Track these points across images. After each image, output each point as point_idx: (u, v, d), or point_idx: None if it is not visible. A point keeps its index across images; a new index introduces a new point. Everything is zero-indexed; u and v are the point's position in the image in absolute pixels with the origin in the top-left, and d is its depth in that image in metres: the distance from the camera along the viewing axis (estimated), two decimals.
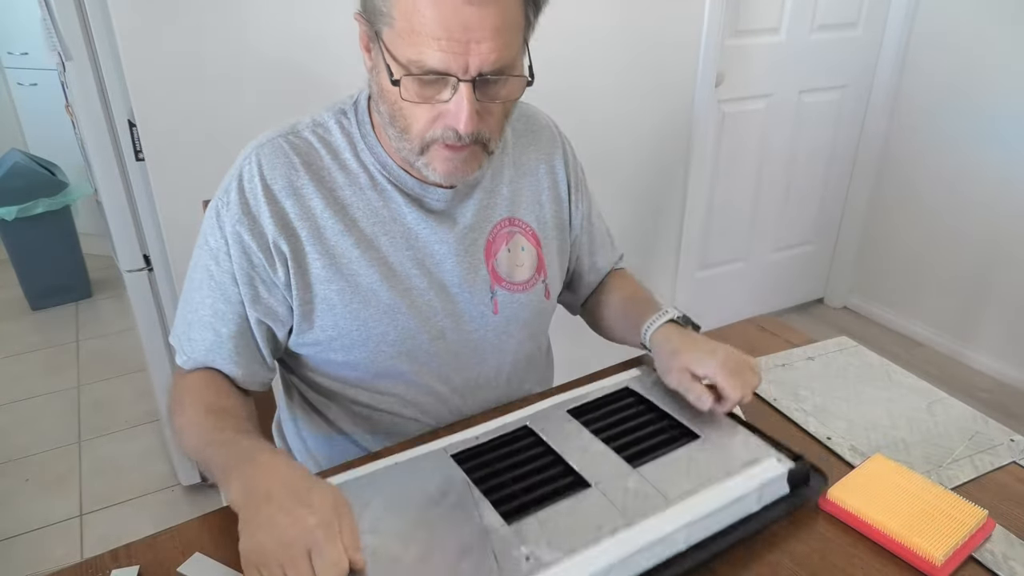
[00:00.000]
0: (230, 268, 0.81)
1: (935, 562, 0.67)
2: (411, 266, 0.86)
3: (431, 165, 0.78)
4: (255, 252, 0.80)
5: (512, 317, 0.93)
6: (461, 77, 0.70)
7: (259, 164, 0.81)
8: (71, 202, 2.81)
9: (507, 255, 0.92)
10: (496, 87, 0.74)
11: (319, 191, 0.82)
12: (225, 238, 0.81)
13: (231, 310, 0.83)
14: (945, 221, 2.47)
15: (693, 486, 0.72)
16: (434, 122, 0.75)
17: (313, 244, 0.82)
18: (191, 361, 0.85)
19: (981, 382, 2.40)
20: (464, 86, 0.71)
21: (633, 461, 0.75)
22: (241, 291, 0.82)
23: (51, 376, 2.48)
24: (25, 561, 1.73)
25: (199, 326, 0.84)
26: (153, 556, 0.70)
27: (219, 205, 0.82)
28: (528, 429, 0.82)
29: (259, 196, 0.80)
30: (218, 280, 0.82)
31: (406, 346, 0.87)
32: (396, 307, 0.85)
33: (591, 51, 1.90)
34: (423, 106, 0.74)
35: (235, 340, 0.84)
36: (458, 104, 0.72)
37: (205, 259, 0.83)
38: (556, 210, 0.97)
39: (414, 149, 0.77)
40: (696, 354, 0.84)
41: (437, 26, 0.67)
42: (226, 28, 1.45)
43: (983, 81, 2.27)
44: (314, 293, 0.83)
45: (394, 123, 0.77)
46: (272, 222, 0.80)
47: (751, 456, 0.77)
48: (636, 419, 0.84)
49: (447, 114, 0.73)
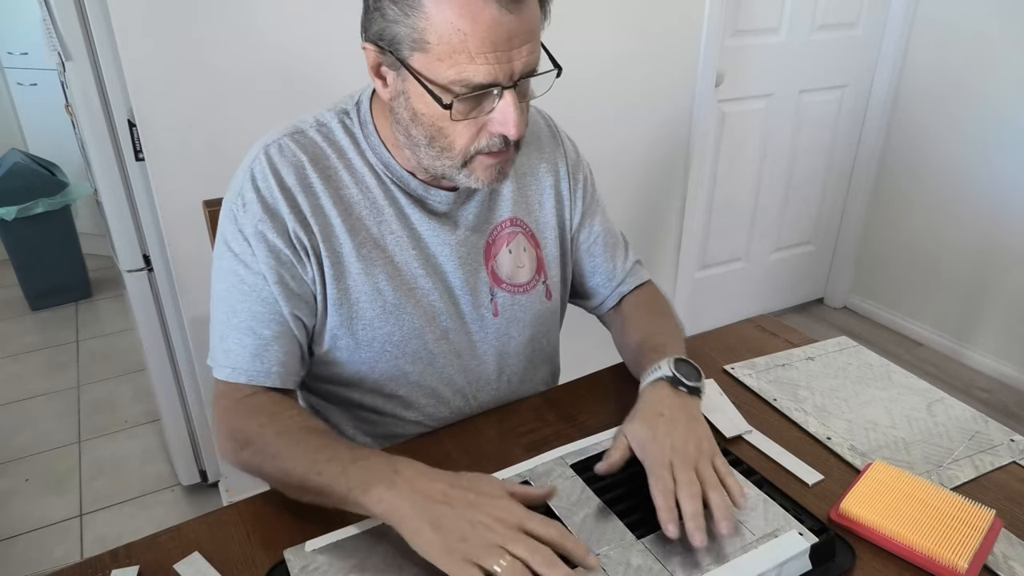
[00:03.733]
0: (260, 269, 0.80)
1: (959, 570, 0.67)
2: (416, 266, 0.86)
3: (473, 175, 0.78)
4: (281, 249, 0.80)
5: (513, 319, 0.93)
6: (505, 84, 0.71)
7: (269, 162, 0.81)
8: (71, 202, 2.81)
9: (509, 256, 0.91)
10: (526, 85, 0.75)
11: (327, 189, 0.82)
12: (247, 240, 0.79)
13: (268, 311, 0.80)
14: (945, 221, 2.47)
15: (704, 564, 0.66)
16: (478, 135, 0.75)
17: (324, 242, 0.82)
18: (236, 372, 0.80)
19: (981, 382, 2.40)
20: (508, 93, 0.71)
21: (638, 530, 0.69)
22: (274, 290, 0.80)
23: (51, 376, 2.48)
24: (25, 561, 1.73)
25: (237, 333, 0.80)
26: (153, 556, 0.70)
27: (234, 209, 0.80)
28: (528, 485, 0.76)
29: (275, 192, 0.80)
30: (250, 284, 0.80)
31: (410, 346, 0.87)
32: (401, 307, 0.85)
33: (591, 51, 1.90)
34: (467, 122, 0.74)
35: (279, 341, 0.81)
36: (505, 112, 0.72)
37: (231, 265, 0.81)
38: (557, 210, 0.97)
39: (456, 164, 0.77)
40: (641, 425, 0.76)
41: (481, 42, 0.67)
42: (226, 28, 1.45)
43: (983, 81, 2.27)
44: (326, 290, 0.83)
45: (433, 144, 0.76)
46: (292, 216, 0.80)
47: (770, 528, 0.69)
48: (644, 478, 0.74)
49: (492, 123, 0.74)
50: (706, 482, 0.70)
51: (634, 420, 0.78)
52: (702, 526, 0.66)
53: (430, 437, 0.89)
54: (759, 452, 0.85)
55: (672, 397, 0.79)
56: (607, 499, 0.73)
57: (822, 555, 0.68)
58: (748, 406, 0.93)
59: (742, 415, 0.90)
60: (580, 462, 0.80)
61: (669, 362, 0.82)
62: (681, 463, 0.71)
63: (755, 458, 0.83)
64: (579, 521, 0.71)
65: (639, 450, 0.75)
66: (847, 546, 0.71)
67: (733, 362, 1.03)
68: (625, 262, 1.04)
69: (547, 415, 0.92)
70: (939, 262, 2.51)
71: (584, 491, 0.75)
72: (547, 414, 0.92)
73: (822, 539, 0.68)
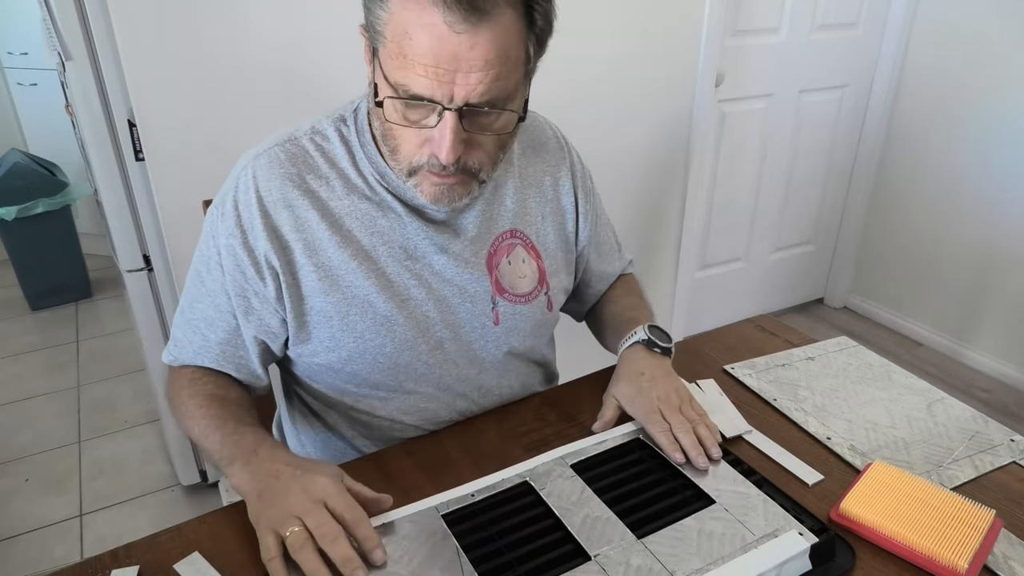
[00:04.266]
0: (221, 279, 0.83)
1: (959, 570, 0.67)
2: (408, 277, 0.85)
3: (419, 187, 0.78)
4: (247, 265, 0.81)
5: (513, 328, 0.92)
6: (446, 105, 0.69)
7: (255, 177, 0.81)
8: (71, 202, 2.81)
9: (508, 267, 0.91)
10: (487, 119, 0.72)
11: (314, 204, 0.81)
12: (218, 249, 0.82)
13: (220, 318, 0.84)
14: (945, 221, 2.47)
15: (704, 564, 0.65)
16: (421, 147, 0.74)
17: (307, 257, 0.81)
18: (177, 361, 0.88)
19: (981, 382, 2.40)
20: (449, 115, 0.69)
21: (639, 530, 0.70)
22: (233, 303, 0.83)
23: (51, 376, 2.48)
24: (25, 561, 1.73)
25: (189, 328, 0.86)
26: (153, 556, 0.70)
27: (215, 215, 0.83)
28: (528, 486, 0.76)
29: (253, 209, 0.80)
30: (208, 287, 0.84)
31: (404, 357, 0.86)
32: (393, 319, 0.84)
33: (591, 51, 1.90)
34: (411, 130, 0.73)
35: (222, 347, 0.85)
36: (441, 133, 0.70)
37: (199, 264, 0.85)
38: (560, 223, 0.96)
39: (403, 171, 0.77)
40: (626, 385, 0.88)
41: (425, 52, 0.66)
42: (226, 28, 1.45)
43: (983, 81, 2.27)
44: (309, 306, 0.83)
45: (385, 141, 0.77)
46: (264, 236, 0.80)
47: (770, 527, 0.70)
48: (645, 477, 0.78)
49: (432, 141, 0.72)
50: (692, 420, 0.83)
51: (619, 381, 0.89)
52: (702, 452, 0.79)
53: (430, 437, 0.89)
54: (759, 452, 0.85)
55: (649, 357, 0.91)
56: (607, 499, 0.73)
57: (822, 555, 0.68)
58: (748, 406, 0.93)
59: (742, 415, 0.90)
60: (580, 462, 0.80)
61: (643, 328, 0.93)
62: (668, 409, 0.84)
63: (755, 458, 0.83)
64: (579, 521, 0.71)
65: (628, 406, 0.87)
66: (847, 546, 0.71)
67: (733, 362, 1.03)
68: (617, 265, 1.09)
69: (547, 415, 0.92)
70: (939, 262, 2.51)
71: (584, 491, 0.75)
72: (547, 414, 0.92)
73: (822, 539, 0.68)
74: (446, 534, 0.69)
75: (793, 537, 0.68)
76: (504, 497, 0.75)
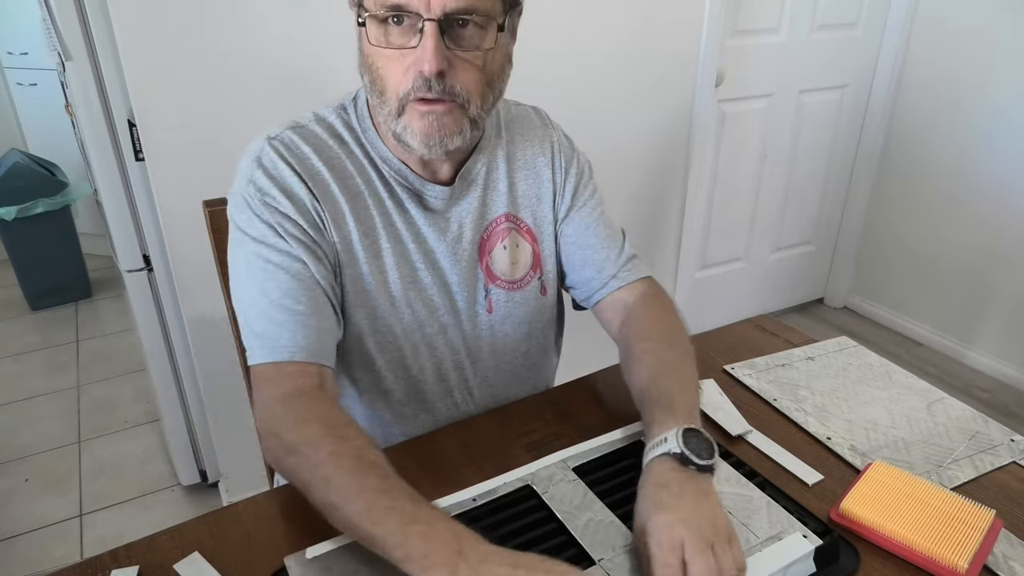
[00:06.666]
0: (284, 247, 0.78)
1: (959, 570, 0.67)
2: (418, 259, 0.86)
3: (410, 127, 0.76)
4: (303, 225, 0.79)
5: (508, 315, 0.93)
6: (425, 15, 0.69)
7: (276, 151, 0.81)
8: (71, 202, 2.81)
9: (503, 252, 0.91)
10: (468, 33, 0.72)
11: (334, 178, 0.82)
12: (268, 223, 0.78)
13: (301, 285, 0.77)
14: (945, 221, 2.46)
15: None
16: (406, 73, 0.73)
17: (333, 227, 0.82)
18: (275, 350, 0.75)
19: (981, 382, 2.40)
20: (429, 25, 0.70)
21: None
22: (306, 260, 0.78)
23: (51, 376, 2.48)
24: (25, 561, 1.73)
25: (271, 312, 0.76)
26: (153, 556, 0.70)
27: (246, 196, 0.79)
28: (530, 489, 0.75)
29: (285, 175, 0.80)
30: (276, 262, 0.77)
31: (410, 340, 0.87)
32: (406, 298, 0.86)
33: (591, 51, 1.89)
34: (395, 59, 0.73)
35: (316, 316, 0.78)
36: (423, 45, 0.70)
37: (253, 249, 0.78)
38: (553, 203, 0.96)
39: (392, 112, 0.76)
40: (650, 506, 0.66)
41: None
42: (226, 28, 1.45)
43: (983, 81, 2.27)
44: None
45: (374, 88, 0.76)
46: (307, 195, 0.80)
47: (774, 530, 0.69)
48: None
49: (417, 61, 0.72)
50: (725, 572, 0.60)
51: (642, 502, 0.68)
52: None
53: (430, 437, 0.89)
54: (759, 452, 0.85)
55: (678, 471, 0.68)
56: (610, 502, 0.73)
57: (827, 557, 0.68)
58: (748, 406, 0.93)
59: (742, 415, 0.90)
60: (582, 465, 0.79)
61: (677, 434, 0.70)
62: (694, 542, 0.61)
63: (755, 458, 0.83)
64: (582, 525, 0.70)
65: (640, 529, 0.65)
66: (851, 548, 0.71)
67: (733, 362, 1.03)
68: (620, 255, 0.96)
69: (547, 415, 0.92)
70: (939, 262, 2.51)
71: (587, 495, 0.74)
72: (547, 414, 0.92)
73: (826, 541, 0.68)
74: None
75: (797, 539, 0.68)
76: (506, 501, 0.74)
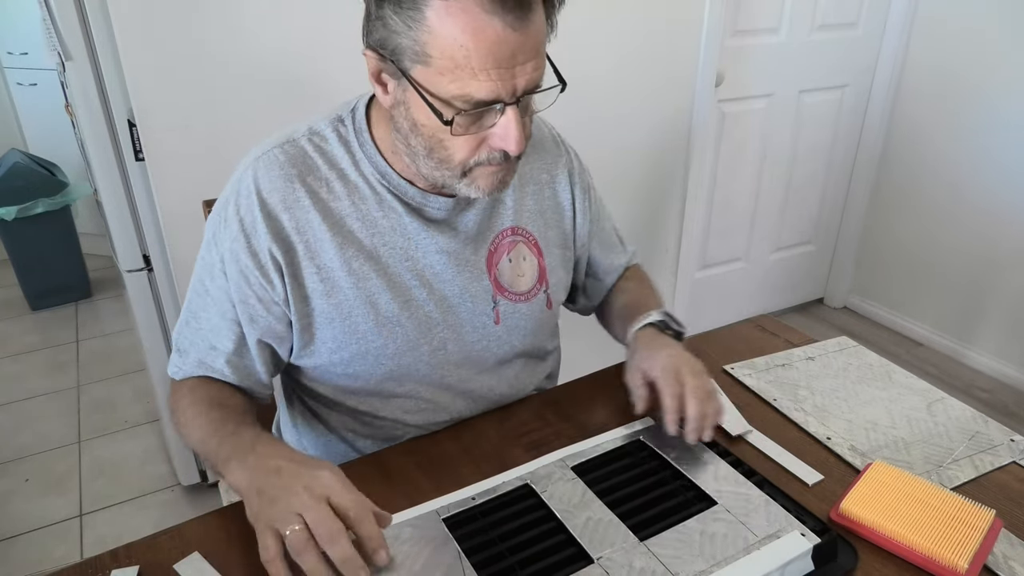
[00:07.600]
0: (225, 286, 0.82)
1: (959, 570, 0.67)
2: (410, 277, 0.85)
3: (474, 184, 0.77)
4: (251, 271, 0.80)
5: (514, 327, 0.92)
6: (508, 101, 0.70)
7: (255, 179, 0.80)
8: (71, 202, 2.81)
9: (509, 265, 0.91)
10: (530, 101, 0.74)
11: (315, 204, 0.81)
12: (221, 256, 0.81)
13: (226, 327, 0.83)
14: (945, 221, 2.46)
15: (707, 566, 0.65)
16: (478, 148, 0.74)
17: (309, 258, 0.81)
18: (181, 372, 0.87)
19: (981, 382, 2.40)
20: (511, 109, 0.70)
21: (641, 532, 0.69)
22: (237, 310, 0.82)
23: (51, 376, 2.48)
24: (25, 561, 1.73)
25: (196, 338, 0.86)
26: (153, 556, 0.70)
27: (218, 221, 0.82)
28: (529, 489, 0.76)
29: (255, 212, 0.79)
30: (213, 296, 0.83)
31: (406, 359, 0.86)
32: (396, 319, 0.84)
33: (591, 51, 1.90)
34: (467, 136, 0.73)
35: (228, 356, 0.84)
36: (506, 128, 0.71)
37: (202, 272, 0.85)
38: (559, 220, 0.96)
39: (455, 175, 0.77)
40: (647, 352, 0.87)
41: (483, 58, 0.66)
42: (226, 28, 1.45)
43: (983, 80, 2.27)
44: (312, 307, 0.82)
45: (432, 155, 0.76)
46: (268, 237, 0.79)
47: (772, 528, 0.70)
48: (647, 479, 0.78)
49: (493, 137, 0.73)
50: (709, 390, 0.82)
51: (636, 353, 0.88)
52: (701, 429, 0.79)
53: (430, 438, 0.89)
54: (759, 452, 0.85)
55: (661, 335, 0.91)
56: (609, 501, 0.73)
57: (825, 556, 0.68)
58: (748, 406, 0.93)
59: (742, 415, 0.90)
60: (581, 464, 0.79)
61: (656, 311, 0.93)
62: (689, 371, 0.82)
63: (755, 458, 0.83)
64: (581, 524, 0.70)
65: (646, 362, 0.85)
66: (849, 546, 0.71)
67: (733, 362, 1.03)
68: (622, 258, 1.08)
69: (547, 415, 0.92)
70: (939, 262, 2.51)
71: (586, 493, 0.75)
72: (547, 414, 0.92)
73: (824, 540, 0.68)
74: (447, 538, 0.69)
75: (796, 538, 0.68)
76: (505, 500, 0.75)
